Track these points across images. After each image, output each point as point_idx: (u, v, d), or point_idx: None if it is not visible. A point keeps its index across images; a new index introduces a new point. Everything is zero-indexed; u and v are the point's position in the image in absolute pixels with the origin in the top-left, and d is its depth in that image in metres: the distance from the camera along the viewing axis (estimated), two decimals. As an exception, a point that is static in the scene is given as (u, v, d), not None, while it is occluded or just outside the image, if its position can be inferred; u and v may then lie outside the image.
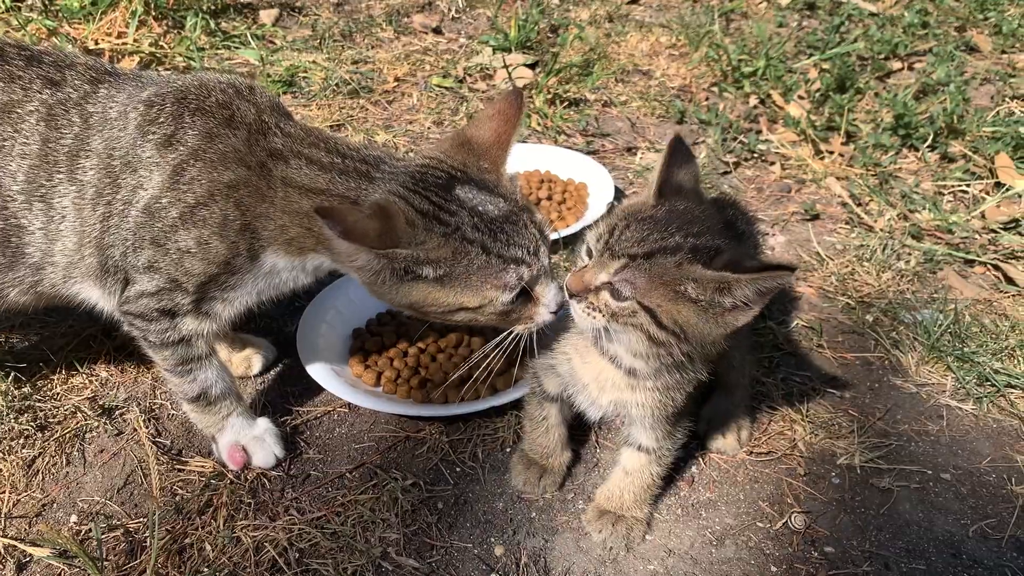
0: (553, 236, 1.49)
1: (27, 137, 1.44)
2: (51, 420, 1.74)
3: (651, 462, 1.46)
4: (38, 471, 1.63)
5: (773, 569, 1.49)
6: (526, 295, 1.40)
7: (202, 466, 1.64)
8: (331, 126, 2.89)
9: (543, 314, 1.43)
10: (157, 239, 1.41)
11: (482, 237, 1.35)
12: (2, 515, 1.54)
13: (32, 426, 1.70)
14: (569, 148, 2.77)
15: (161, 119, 1.42)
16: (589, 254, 1.25)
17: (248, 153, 1.40)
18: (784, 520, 1.58)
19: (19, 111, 1.44)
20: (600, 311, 1.22)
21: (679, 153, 1.26)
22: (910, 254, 2.34)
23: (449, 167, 1.41)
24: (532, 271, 1.38)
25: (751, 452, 1.71)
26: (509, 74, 3.17)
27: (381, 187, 1.38)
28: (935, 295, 2.18)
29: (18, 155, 1.43)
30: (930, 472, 1.68)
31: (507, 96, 1.48)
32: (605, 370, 1.37)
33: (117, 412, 1.77)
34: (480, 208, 1.36)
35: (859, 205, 2.58)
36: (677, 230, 1.19)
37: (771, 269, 1.10)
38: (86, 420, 1.74)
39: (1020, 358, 1.94)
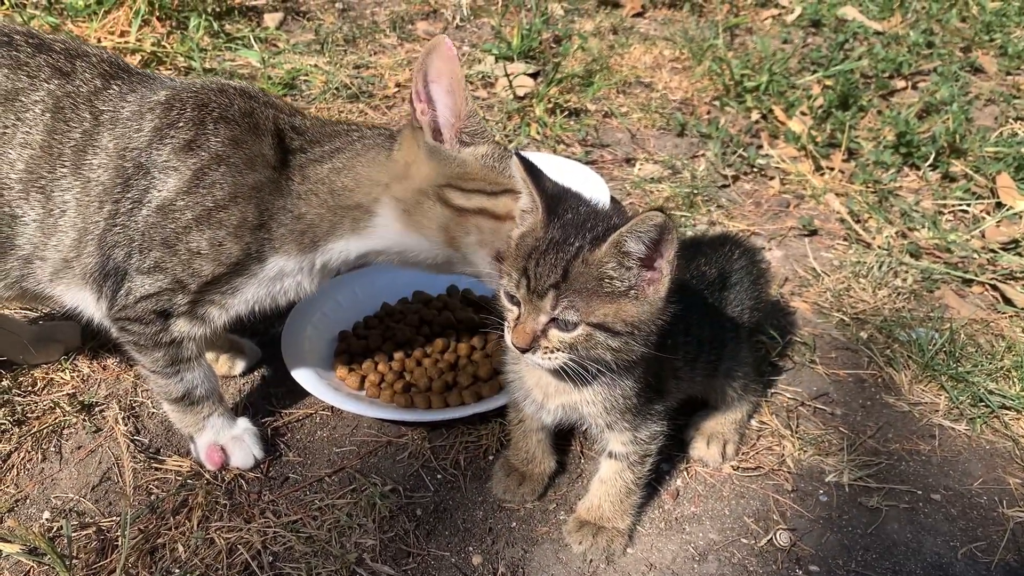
0: None
1: (30, 127, 1.41)
2: (29, 415, 1.71)
3: (624, 468, 1.44)
4: (12, 466, 1.61)
5: (756, 587, 1.46)
6: None
7: (179, 465, 1.62)
8: (329, 129, 2.88)
9: None
10: (168, 240, 1.40)
11: None
12: (-26, 510, 1.52)
13: (9, 420, 1.68)
14: (567, 157, 2.75)
15: (180, 123, 1.42)
16: (515, 302, 1.22)
17: (273, 156, 1.44)
18: (769, 537, 1.54)
19: (24, 99, 1.41)
20: (558, 349, 1.20)
21: (532, 169, 1.23)
22: (907, 272, 2.32)
23: None
24: None
25: (738, 467, 1.68)
26: (510, 82, 3.16)
27: None
28: (931, 314, 2.16)
29: (19, 144, 1.41)
30: (920, 492, 1.65)
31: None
32: (545, 375, 1.35)
33: (97, 409, 1.75)
34: None
35: (858, 222, 2.55)
36: (574, 234, 1.19)
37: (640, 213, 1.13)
38: (64, 416, 1.71)
39: (1015, 379, 1.90)
